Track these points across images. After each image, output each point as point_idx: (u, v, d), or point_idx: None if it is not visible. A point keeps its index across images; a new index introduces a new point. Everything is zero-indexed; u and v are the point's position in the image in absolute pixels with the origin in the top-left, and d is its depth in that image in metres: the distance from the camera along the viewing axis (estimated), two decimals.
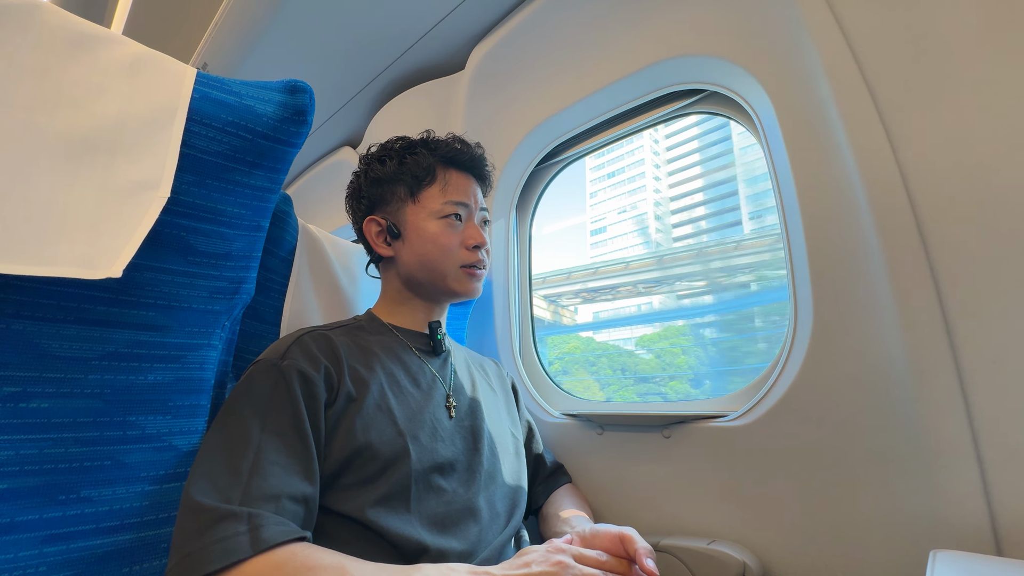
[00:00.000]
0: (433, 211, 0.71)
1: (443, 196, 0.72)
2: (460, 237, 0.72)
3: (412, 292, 0.75)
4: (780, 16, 0.70)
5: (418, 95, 1.18)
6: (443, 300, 0.76)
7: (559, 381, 1.08)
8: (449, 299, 0.76)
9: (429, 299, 0.75)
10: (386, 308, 0.76)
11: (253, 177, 0.57)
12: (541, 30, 0.97)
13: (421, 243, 0.71)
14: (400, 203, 0.73)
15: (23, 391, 0.45)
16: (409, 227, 0.72)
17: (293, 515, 0.48)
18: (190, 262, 0.54)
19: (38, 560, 0.44)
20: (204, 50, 1.15)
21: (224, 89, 0.55)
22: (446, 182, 0.73)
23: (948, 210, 0.56)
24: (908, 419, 0.59)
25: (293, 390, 0.54)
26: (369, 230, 0.75)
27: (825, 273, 0.67)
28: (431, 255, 0.71)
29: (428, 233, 0.71)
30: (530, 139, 1.08)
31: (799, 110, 0.70)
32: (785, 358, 0.73)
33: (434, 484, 0.58)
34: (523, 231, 1.19)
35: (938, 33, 0.57)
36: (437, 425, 0.64)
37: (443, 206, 0.71)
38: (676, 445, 0.80)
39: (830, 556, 0.65)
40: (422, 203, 0.72)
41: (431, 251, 0.71)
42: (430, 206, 0.72)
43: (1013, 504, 0.52)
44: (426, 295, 0.74)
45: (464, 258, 0.72)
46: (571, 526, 0.68)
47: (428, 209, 0.72)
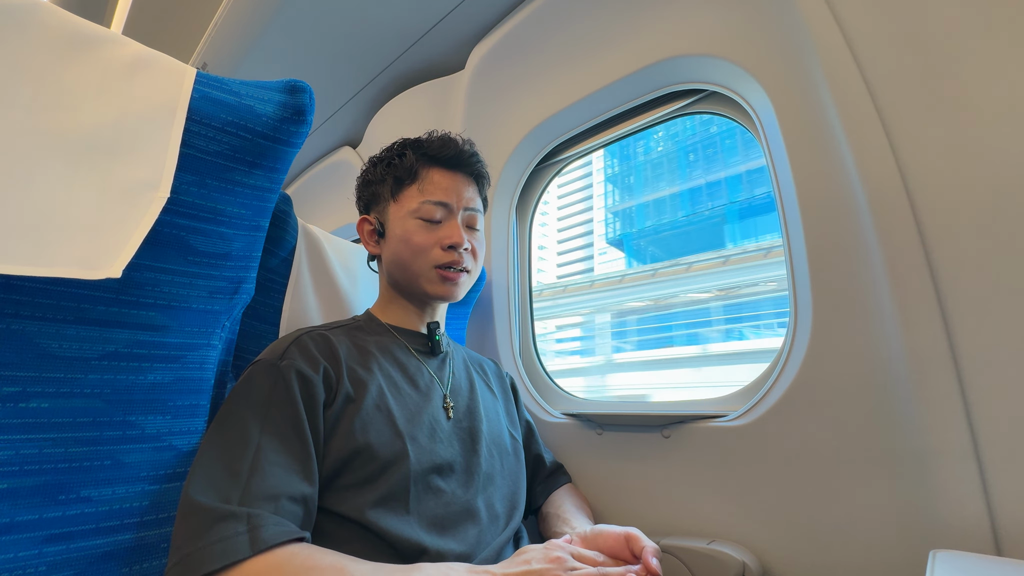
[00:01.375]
0: (410, 210, 0.71)
1: (420, 195, 0.71)
2: (436, 237, 0.70)
3: (397, 292, 0.75)
4: (780, 16, 0.70)
5: (418, 95, 1.18)
6: (426, 300, 0.74)
7: (559, 381, 1.08)
8: (425, 302, 0.74)
9: (411, 299, 0.74)
10: (381, 306, 0.77)
11: (253, 177, 0.57)
12: (541, 30, 0.97)
13: (396, 243, 0.71)
14: (384, 203, 0.74)
15: (23, 391, 0.45)
16: (389, 226, 0.72)
17: (292, 515, 0.48)
18: (190, 262, 0.54)
19: (38, 560, 0.44)
20: (204, 50, 1.15)
21: (224, 89, 0.55)
22: (425, 181, 0.72)
23: (948, 210, 0.56)
24: (908, 419, 0.59)
25: (292, 390, 0.55)
26: (362, 229, 0.77)
27: (825, 273, 0.67)
28: (403, 255, 0.70)
29: (402, 232, 0.70)
30: (530, 139, 1.07)
31: (799, 110, 0.70)
32: (785, 358, 0.73)
33: (433, 485, 0.58)
34: (523, 231, 1.19)
35: (938, 34, 0.57)
36: (435, 426, 0.64)
37: (420, 205, 0.70)
38: (676, 445, 0.79)
39: (830, 556, 0.65)
40: (401, 202, 0.72)
41: (403, 251, 0.70)
42: (408, 205, 0.71)
43: (1013, 504, 0.52)
44: (408, 296, 0.74)
45: (438, 258, 0.70)
46: (571, 527, 0.68)
47: (406, 208, 0.71)
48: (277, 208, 0.73)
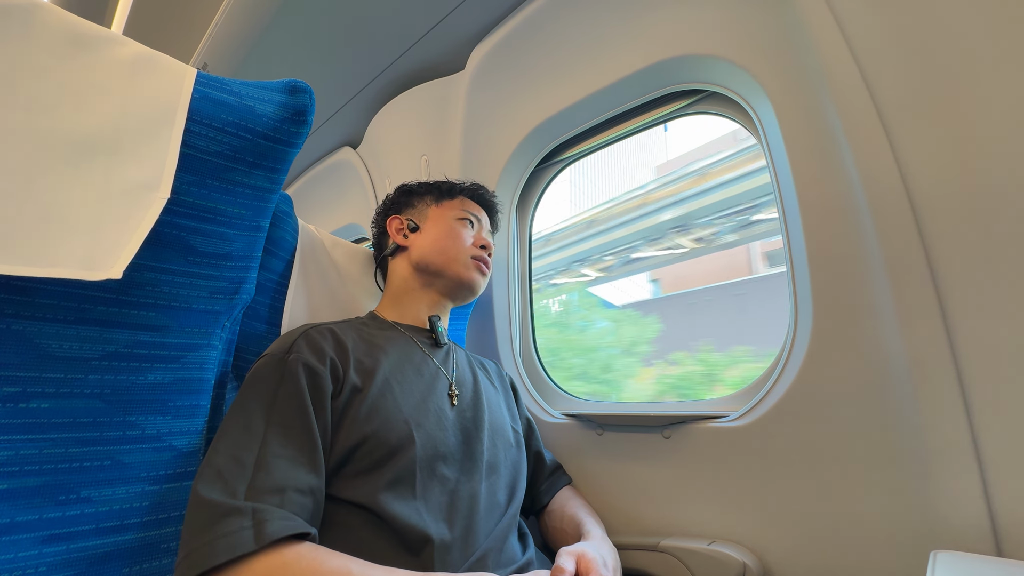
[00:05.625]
0: (453, 214, 0.84)
1: (462, 207, 0.86)
2: (471, 236, 0.84)
3: (420, 279, 0.81)
4: (780, 16, 0.70)
5: (418, 95, 1.18)
6: (446, 290, 0.81)
7: (559, 381, 1.08)
8: (452, 289, 0.81)
9: (434, 287, 0.81)
10: (389, 304, 0.81)
11: (253, 177, 0.57)
12: (541, 30, 0.96)
13: (439, 231, 0.82)
14: (425, 206, 0.86)
15: (23, 391, 0.45)
16: (429, 221, 0.84)
17: (300, 507, 0.49)
18: (190, 262, 0.54)
19: (38, 560, 0.44)
20: (204, 50, 1.15)
21: (224, 89, 0.55)
22: (464, 202, 0.87)
23: (948, 210, 0.56)
24: (908, 419, 0.59)
25: (299, 383, 0.55)
26: (391, 225, 0.86)
27: (825, 273, 0.67)
28: (446, 241, 0.81)
29: (447, 224, 0.83)
30: (530, 139, 1.07)
31: (799, 110, 0.70)
32: (785, 358, 0.73)
33: (438, 472, 0.59)
34: (523, 231, 1.19)
35: (938, 34, 0.57)
36: (441, 415, 0.65)
37: (462, 211, 0.85)
38: (676, 445, 0.79)
39: (830, 556, 0.65)
40: (444, 207, 0.86)
41: (445, 238, 0.81)
42: (451, 210, 0.85)
43: (1013, 504, 0.52)
44: (431, 282, 0.80)
45: (473, 251, 0.82)
46: (585, 531, 0.69)
47: (449, 211, 0.85)
48: (277, 208, 0.73)
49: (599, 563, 0.54)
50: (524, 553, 0.62)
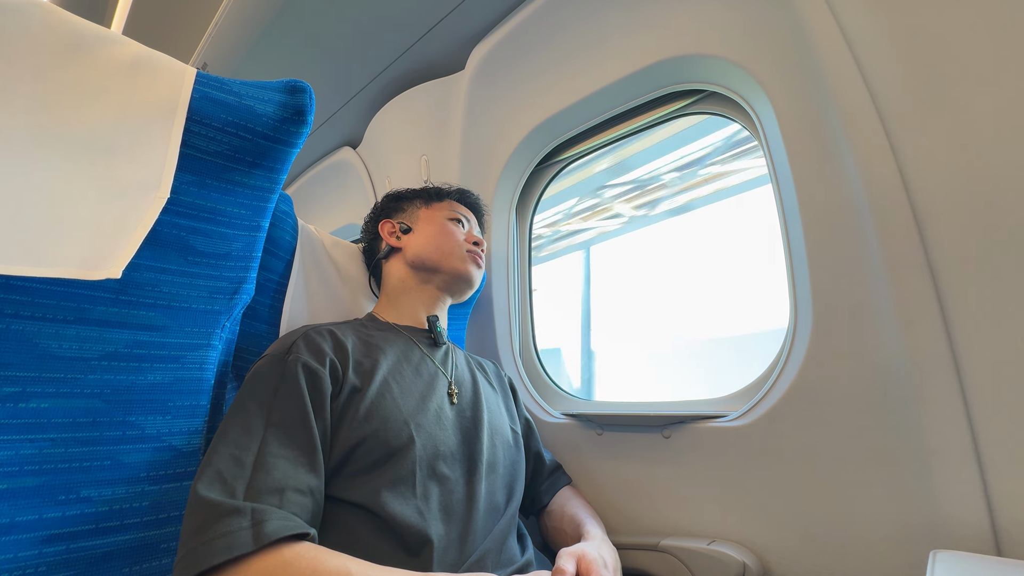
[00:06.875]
0: (444, 214, 0.87)
1: (451, 208, 0.89)
2: (463, 234, 0.86)
3: (417, 277, 0.82)
4: (780, 17, 0.70)
5: (418, 95, 1.18)
6: (444, 285, 0.82)
7: (558, 381, 1.08)
8: (450, 283, 0.82)
9: (431, 283, 0.82)
10: (386, 306, 0.82)
11: (253, 177, 0.57)
12: (541, 30, 0.97)
13: (432, 230, 0.84)
14: (415, 209, 0.89)
15: (22, 391, 0.45)
16: (421, 222, 0.86)
17: (299, 507, 0.49)
18: (190, 262, 0.54)
19: (38, 560, 0.44)
20: (204, 50, 1.15)
21: (224, 89, 0.55)
22: (452, 204, 0.90)
23: (948, 210, 0.56)
24: (908, 419, 0.59)
25: (298, 383, 0.55)
26: (383, 228, 0.87)
27: (825, 273, 0.67)
28: (440, 238, 0.83)
29: (440, 223, 0.85)
30: (530, 139, 1.07)
31: (799, 110, 0.70)
32: (785, 358, 0.73)
33: (438, 471, 0.60)
34: (523, 231, 1.19)
35: (938, 34, 0.57)
36: (440, 414, 0.66)
37: (452, 212, 0.88)
38: (676, 445, 0.79)
39: (830, 556, 0.65)
40: (434, 208, 0.88)
41: (439, 236, 0.83)
42: (441, 211, 0.88)
43: (1013, 504, 0.52)
44: (428, 278, 0.82)
45: (468, 245, 0.84)
46: (585, 530, 0.68)
47: (440, 212, 0.87)
48: (277, 208, 0.73)
49: (599, 564, 0.54)
50: (523, 554, 0.62)
